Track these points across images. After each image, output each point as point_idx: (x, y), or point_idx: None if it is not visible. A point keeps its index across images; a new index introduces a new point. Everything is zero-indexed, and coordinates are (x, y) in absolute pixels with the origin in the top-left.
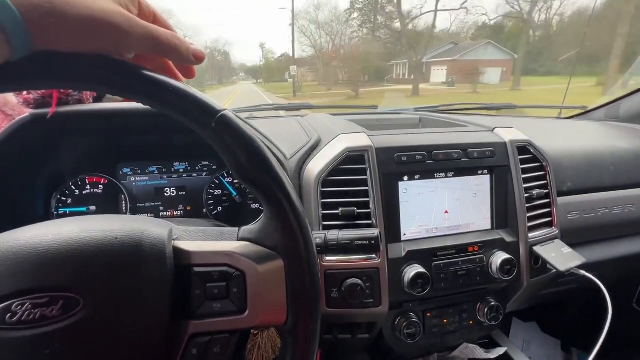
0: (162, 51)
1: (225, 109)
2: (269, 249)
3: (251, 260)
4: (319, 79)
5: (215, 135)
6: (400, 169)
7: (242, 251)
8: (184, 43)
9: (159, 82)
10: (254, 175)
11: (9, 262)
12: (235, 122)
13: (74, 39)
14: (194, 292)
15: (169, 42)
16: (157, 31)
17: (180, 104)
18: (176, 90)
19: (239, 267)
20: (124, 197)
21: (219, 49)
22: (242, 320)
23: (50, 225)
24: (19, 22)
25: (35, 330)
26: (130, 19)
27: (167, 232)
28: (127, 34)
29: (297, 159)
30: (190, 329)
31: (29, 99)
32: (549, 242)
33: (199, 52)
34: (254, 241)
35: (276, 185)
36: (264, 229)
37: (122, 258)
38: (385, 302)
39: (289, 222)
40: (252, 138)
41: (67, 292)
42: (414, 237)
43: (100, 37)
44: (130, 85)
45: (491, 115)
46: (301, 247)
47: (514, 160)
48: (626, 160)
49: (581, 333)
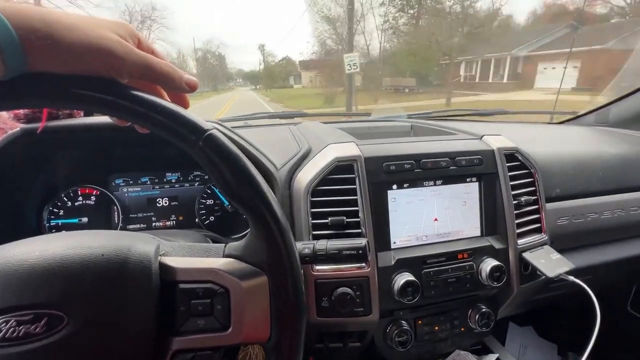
0: (155, 78)
1: (212, 128)
2: (253, 266)
3: (235, 277)
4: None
5: (203, 153)
6: (389, 178)
7: (227, 268)
8: (177, 72)
9: (146, 101)
10: (241, 193)
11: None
12: (222, 141)
13: (69, 61)
14: (179, 308)
15: (162, 69)
16: (151, 59)
17: (168, 123)
18: (164, 109)
19: (222, 284)
20: (116, 208)
21: (212, 51)
22: (225, 337)
23: (37, 242)
24: (16, 43)
25: (19, 347)
26: (126, 46)
27: (154, 248)
28: (122, 59)
29: (287, 168)
30: (174, 345)
31: (19, 114)
32: (538, 248)
33: (192, 80)
34: (239, 258)
35: (262, 203)
36: (250, 246)
37: (108, 275)
38: (376, 311)
39: (274, 240)
40: (238, 156)
41: (51, 310)
42: (403, 245)
43: (94, 61)
44: (119, 105)
45: (483, 121)
46: (286, 265)
47: (502, 168)
48: (615, 165)
49: (577, 337)
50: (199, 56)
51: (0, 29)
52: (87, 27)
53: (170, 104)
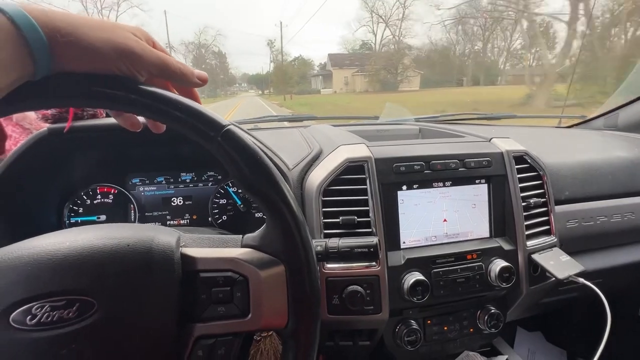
0: (171, 74)
1: (230, 123)
2: (270, 256)
3: (254, 266)
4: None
5: (221, 148)
6: (399, 178)
7: (246, 257)
8: (189, 68)
9: (167, 98)
10: (257, 186)
11: (30, 267)
12: (240, 135)
13: (91, 60)
14: (200, 296)
15: (177, 66)
16: (167, 57)
17: (187, 119)
18: (183, 106)
19: (242, 273)
20: (133, 206)
21: (207, 44)
22: (245, 323)
23: (66, 233)
24: (44, 42)
25: (53, 331)
26: (144, 45)
27: (175, 239)
28: (140, 57)
29: (299, 169)
30: (196, 331)
31: (47, 114)
32: (548, 250)
33: (203, 74)
34: (257, 248)
35: (278, 195)
36: (266, 236)
37: (134, 264)
38: (386, 309)
39: (289, 230)
40: (256, 151)
41: (82, 296)
42: (413, 245)
43: (116, 59)
44: (141, 103)
45: (491, 125)
46: (301, 254)
47: (511, 170)
48: (624, 168)
49: (586, 343)
50: (196, 53)
51: (30, 30)
52: (107, 27)
53: (189, 101)
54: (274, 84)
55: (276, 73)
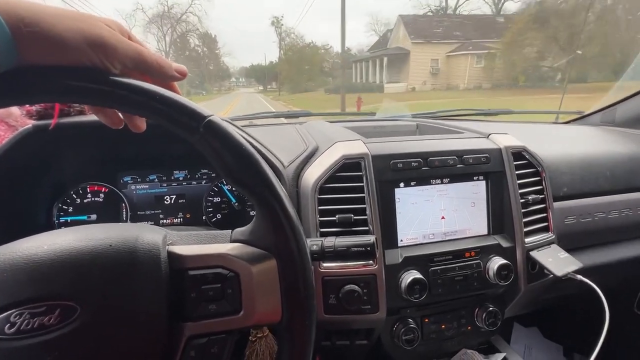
0: (147, 68)
1: (212, 114)
2: (261, 249)
3: (244, 261)
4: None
5: (204, 140)
6: (396, 175)
7: (236, 252)
8: (167, 61)
9: (145, 90)
10: (243, 176)
11: (6, 274)
12: (222, 126)
13: (60, 51)
14: (190, 294)
15: (153, 59)
16: (142, 49)
17: (167, 111)
18: (162, 97)
19: (232, 268)
20: (125, 205)
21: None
22: (237, 320)
23: (45, 236)
24: (6, 32)
25: (34, 339)
26: (118, 35)
27: (161, 237)
28: (114, 48)
29: (294, 166)
30: (187, 331)
31: (31, 111)
32: (546, 247)
33: (182, 68)
34: (247, 242)
35: (265, 185)
36: (256, 230)
37: (117, 265)
38: (383, 308)
39: (279, 222)
40: (240, 140)
41: (63, 301)
42: (410, 243)
43: (86, 50)
44: (118, 96)
45: (489, 121)
46: (293, 245)
47: (509, 166)
48: (622, 164)
49: (583, 338)
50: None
51: None
52: (77, 16)
53: (168, 92)
54: (284, 78)
55: (289, 60)
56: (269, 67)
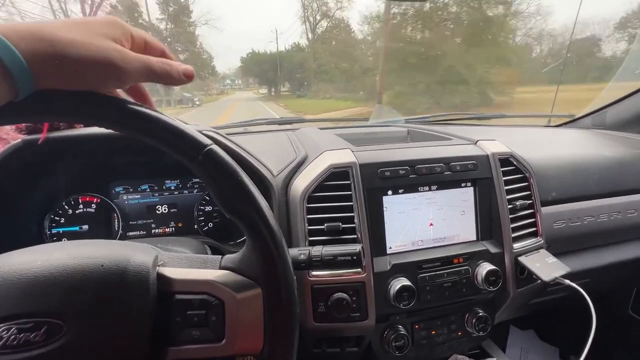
0: (156, 76)
1: (211, 144)
2: (249, 278)
3: (230, 289)
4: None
5: (202, 167)
6: (384, 183)
7: (223, 280)
8: (174, 66)
9: (149, 117)
10: (238, 207)
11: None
12: (221, 156)
13: (74, 78)
14: (175, 318)
15: (161, 68)
16: (150, 60)
17: (169, 138)
18: (165, 125)
19: (218, 296)
20: (117, 215)
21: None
22: (219, 348)
23: (39, 251)
24: (23, 67)
25: (19, 354)
26: (125, 53)
27: (152, 258)
28: (123, 69)
29: (283, 175)
30: (169, 355)
31: (20, 126)
32: (534, 252)
33: (190, 70)
34: (235, 270)
35: (259, 217)
36: (246, 259)
37: (107, 285)
38: (372, 316)
39: (270, 254)
40: (237, 171)
41: (51, 318)
42: (399, 250)
43: (99, 75)
44: (123, 122)
45: (481, 125)
46: (280, 278)
47: (497, 173)
48: (611, 168)
49: (579, 340)
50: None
51: (8, 55)
52: (86, 38)
53: (171, 120)
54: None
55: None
56: (290, 54)
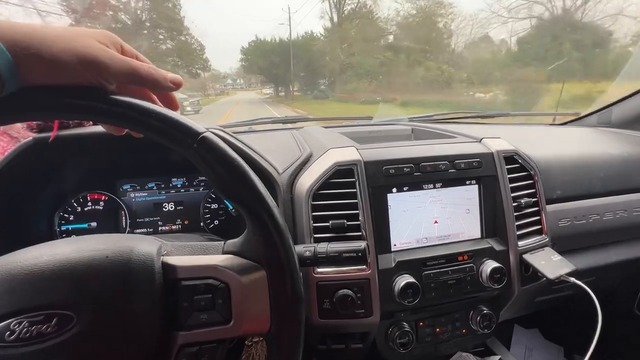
0: (141, 81)
1: (206, 130)
2: (252, 261)
3: (234, 272)
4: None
5: (198, 155)
6: (388, 181)
7: (226, 264)
8: (160, 72)
9: (140, 107)
10: (236, 191)
11: (7, 283)
12: (216, 141)
13: (57, 72)
14: (182, 304)
15: (147, 72)
16: (135, 63)
17: (163, 127)
18: (157, 114)
19: (223, 279)
20: (124, 212)
21: None
22: (227, 329)
23: (45, 247)
24: (7, 58)
25: (32, 346)
26: (110, 52)
27: (156, 248)
28: (107, 66)
29: (288, 173)
30: (179, 339)
31: (31, 124)
32: (539, 249)
33: (177, 78)
34: (238, 254)
35: (257, 199)
36: (247, 242)
37: (113, 275)
38: (377, 312)
39: (270, 235)
40: (232, 156)
41: (61, 310)
42: (404, 247)
43: (81, 69)
44: (114, 113)
45: (486, 124)
46: (282, 258)
47: (501, 170)
48: (616, 166)
49: (584, 339)
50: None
51: None
52: (71, 37)
53: (163, 109)
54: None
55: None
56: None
